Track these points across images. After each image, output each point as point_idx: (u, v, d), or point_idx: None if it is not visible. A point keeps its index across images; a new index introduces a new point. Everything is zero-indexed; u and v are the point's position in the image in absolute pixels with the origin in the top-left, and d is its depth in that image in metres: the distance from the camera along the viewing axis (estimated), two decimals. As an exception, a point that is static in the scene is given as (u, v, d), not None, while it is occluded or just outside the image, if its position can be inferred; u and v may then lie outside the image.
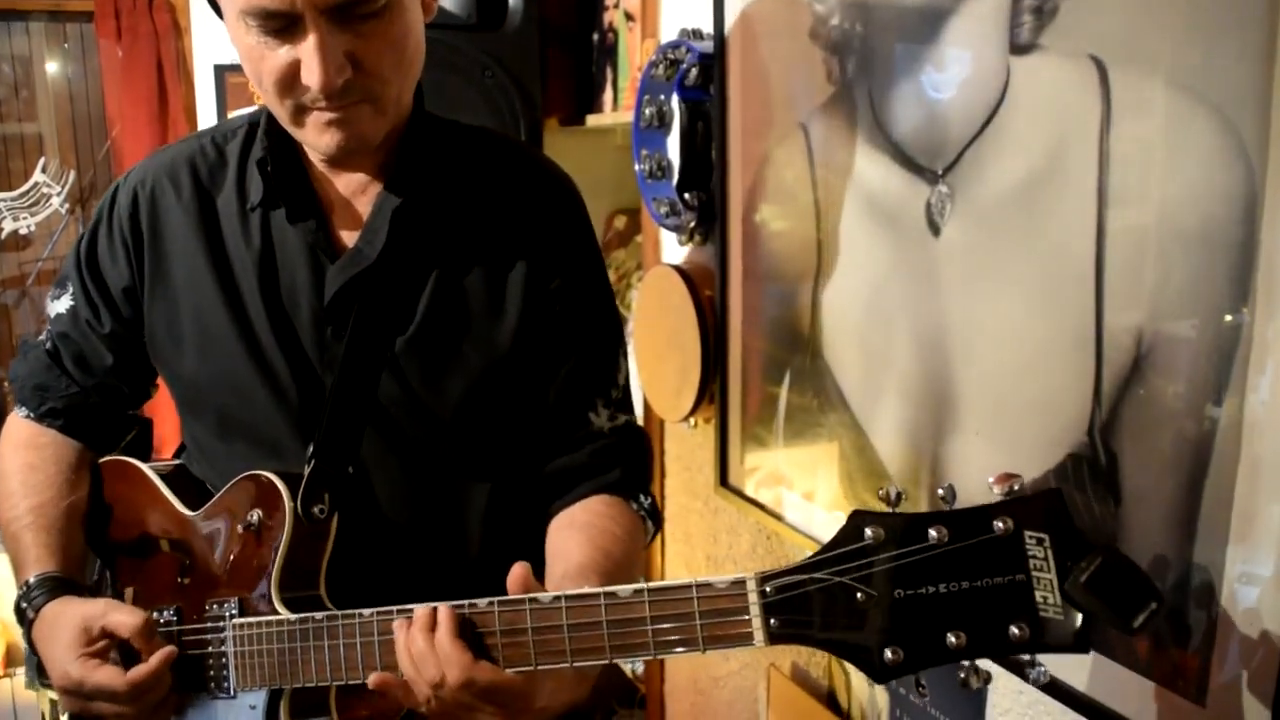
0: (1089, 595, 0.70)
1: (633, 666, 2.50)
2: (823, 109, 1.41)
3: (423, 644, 0.89)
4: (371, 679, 0.94)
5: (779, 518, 1.60)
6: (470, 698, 0.89)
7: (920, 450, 1.26)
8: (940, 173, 1.19)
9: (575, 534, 1.08)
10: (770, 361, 1.61)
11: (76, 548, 1.19)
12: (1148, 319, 0.95)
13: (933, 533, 0.74)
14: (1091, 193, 0.99)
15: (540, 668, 0.88)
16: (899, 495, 0.77)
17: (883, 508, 0.77)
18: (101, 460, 1.25)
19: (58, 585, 1.11)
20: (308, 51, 0.93)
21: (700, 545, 1.97)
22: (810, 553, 0.79)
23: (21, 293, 3.11)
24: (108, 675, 1.03)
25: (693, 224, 1.77)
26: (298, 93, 0.97)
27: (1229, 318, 0.88)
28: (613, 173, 2.37)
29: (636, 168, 1.86)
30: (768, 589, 0.79)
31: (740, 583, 0.80)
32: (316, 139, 1.01)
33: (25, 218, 2.86)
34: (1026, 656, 0.74)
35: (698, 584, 0.81)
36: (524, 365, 1.11)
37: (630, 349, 2.34)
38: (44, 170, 2.86)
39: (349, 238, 1.11)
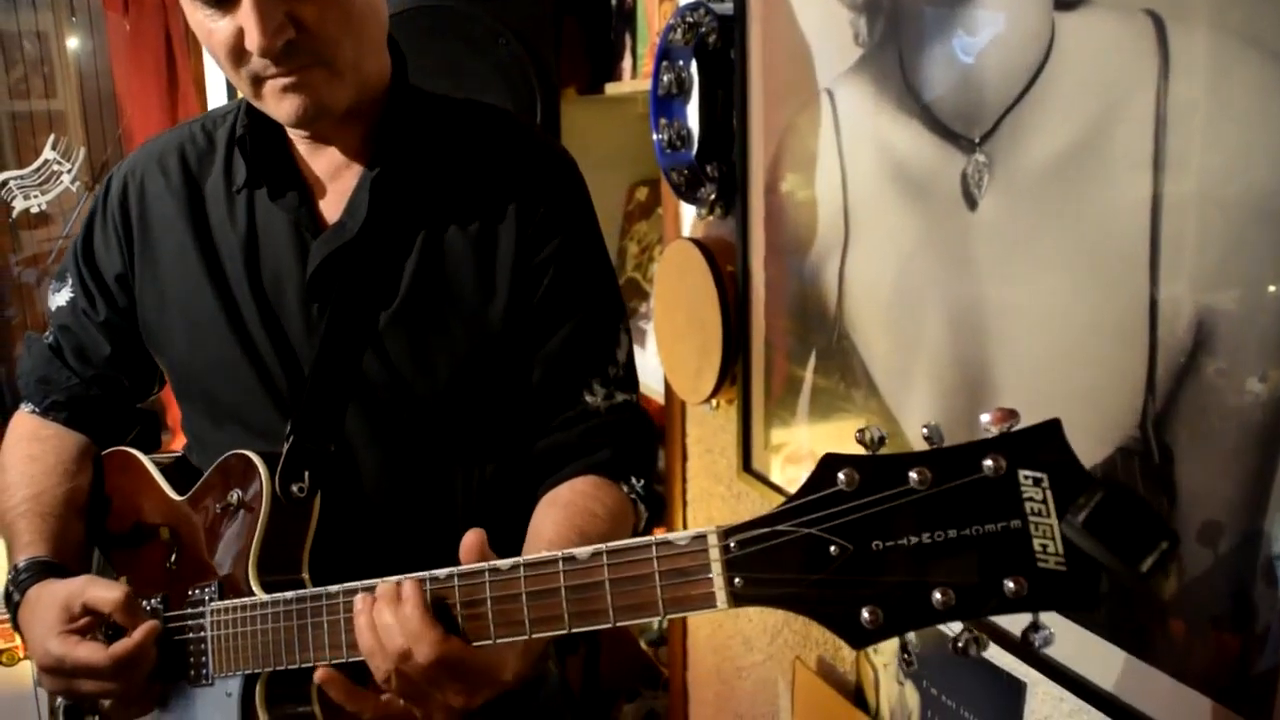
0: (1088, 536, 0.59)
1: (656, 650, 2.46)
2: (850, 73, 1.32)
3: (389, 617, 0.86)
4: (317, 674, 0.92)
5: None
6: (436, 673, 0.86)
7: (954, 439, 1.18)
8: (977, 141, 1.10)
9: (554, 512, 1.06)
10: (794, 341, 1.53)
11: (73, 536, 1.17)
12: (1209, 300, 0.86)
13: (914, 475, 0.63)
14: (1146, 162, 0.90)
15: (499, 640, 0.84)
16: (881, 438, 0.66)
17: (861, 453, 0.67)
18: (103, 453, 1.24)
19: (45, 569, 1.10)
20: (246, 15, 0.93)
21: (723, 531, 1.90)
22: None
23: (42, 271, 3.09)
24: (88, 651, 1.01)
25: (713, 196, 1.69)
26: (248, 61, 0.97)
27: (1303, 300, 0.79)
28: (633, 143, 2.32)
29: (655, 137, 1.79)
30: (731, 544, 0.71)
31: (701, 537, 0.73)
32: (276, 108, 1.00)
33: (36, 195, 2.83)
34: (1026, 617, 0.64)
35: (658, 542, 0.75)
36: (514, 342, 1.09)
37: (650, 326, 2.28)
38: (54, 147, 2.83)
39: (332, 214, 1.09)
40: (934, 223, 1.18)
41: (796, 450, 1.56)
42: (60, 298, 1.21)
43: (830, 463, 0.67)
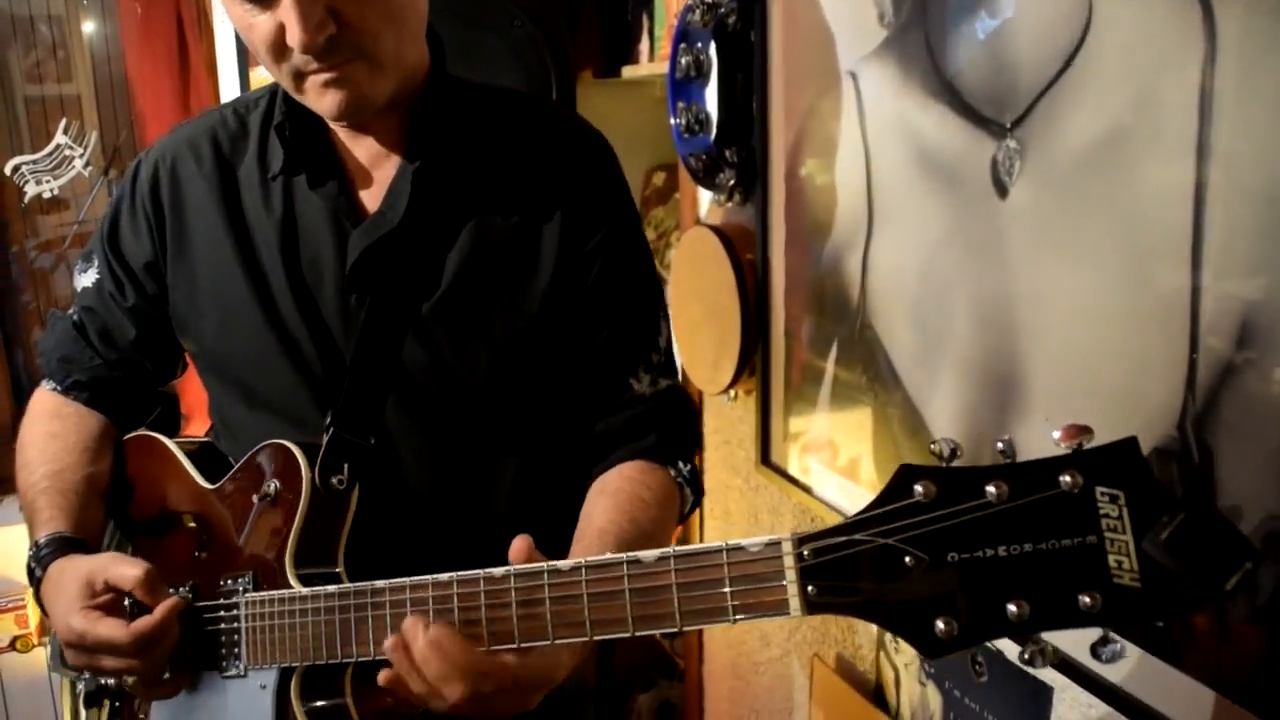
0: (1170, 555, 0.59)
1: (672, 641, 2.43)
2: (874, 55, 1.27)
3: (436, 666, 0.85)
4: (382, 677, 0.89)
5: (823, 501, 1.49)
6: (487, 696, 0.85)
7: (982, 436, 1.14)
8: (1008, 126, 1.05)
9: (603, 499, 1.05)
10: (815, 332, 1.49)
11: (93, 516, 1.16)
12: (1255, 294, 0.82)
13: (991, 489, 0.64)
14: (1190, 148, 0.85)
15: (557, 642, 0.83)
16: (954, 450, 0.67)
17: (935, 464, 0.67)
18: (126, 437, 1.23)
19: (67, 544, 1.09)
20: (287, 11, 0.91)
21: (740, 523, 1.87)
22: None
23: (58, 256, 3.08)
24: (110, 627, 0.99)
25: (732, 182, 1.65)
26: (289, 57, 0.95)
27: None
28: (650, 127, 2.28)
29: (672, 121, 1.74)
30: (805, 552, 0.71)
31: (775, 544, 0.72)
32: (318, 102, 0.99)
33: (48, 180, 2.81)
34: (1098, 633, 0.64)
35: (728, 547, 0.74)
36: (559, 331, 1.07)
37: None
38: (65, 132, 2.81)
39: (372, 203, 1.07)
40: (962, 211, 1.14)
41: (816, 442, 1.52)
42: (86, 278, 1.20)
43: (907, 474, 0.67)
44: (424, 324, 1.05)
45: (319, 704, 1.00)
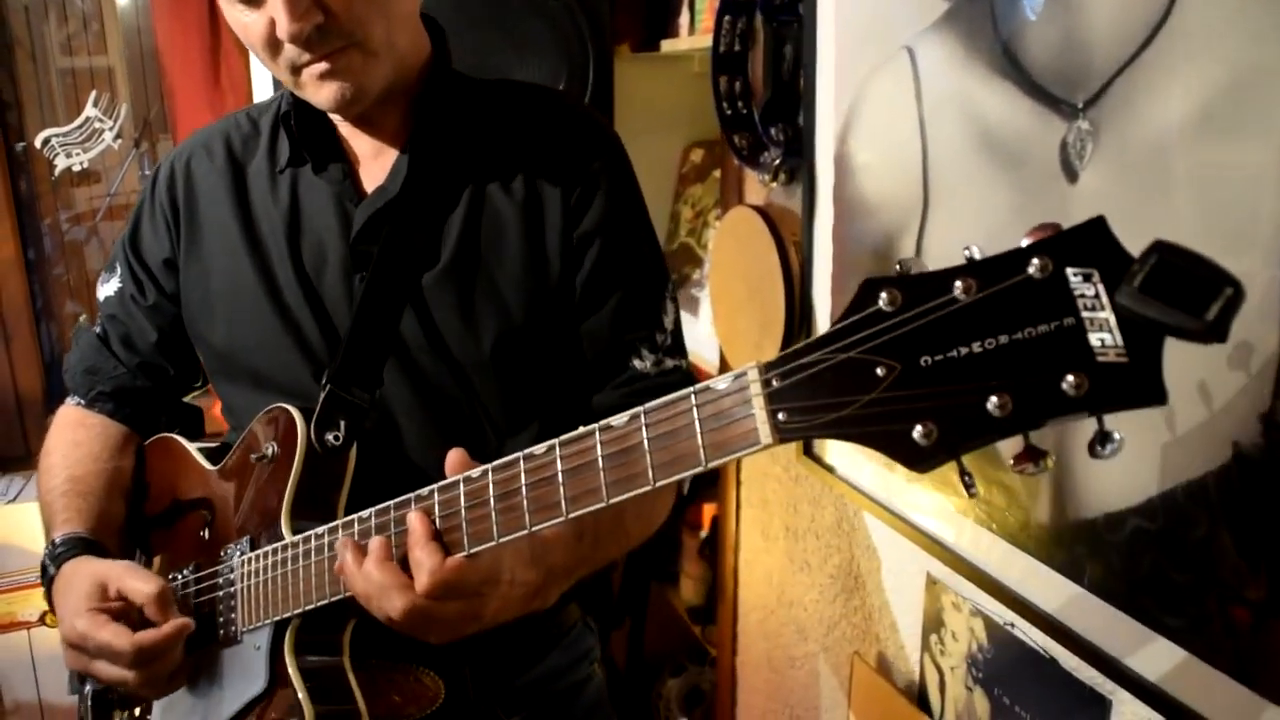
0: (1148, 301, 0.54)
1: (704, 629, 2.39)
2: (933, 29, 1.20)
3: (378, 576, 0.86)
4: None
5: (867, 494, 1.43)
6: (425, 611, 0.86)
7: (1042, 435, 1.08)
8: (1081, 106, 0.99)
9: None
10: (862, 320, 1.43)
11: (113, 516, 1.16)
12: (1358, 293, 0.75)
13: (958, 284, 0.59)
14: (1287, 132, 0.79)
15: (534, 529, 0.81)
16: (915, 265, 0.63)
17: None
18: (146, 441, 1.24)
19: (83, 545, 1.09)
20: (275, 6, 0.94)
21: (778, 514, 1.82)
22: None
23: (90, 229, 3.07)
24: (113, 633, 0.98)
25: (778, 161, 1.59)
26: (282, 51, 0.97)
27: None
28: (689, 103, 2.24)
29: (715, 98, 1.68)
30: (772, 379, 0.67)
31: (741, 375, 0.69)
32: (315, 94, 1.01)
33: (78, 153, 2.80)
34: (1093, 427, 0.59)
35: (697, 390, 0.71)
36: (561, 308, 1.09)
37: (704, 295, 2.19)
38: (95, 104, 2.79)
39: (374, 186, 1.09)
40: (1027, 196, 1.07)
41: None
42: (108, 288, 1.22)
43: (871, 285, 0.63)
44: (424, 295, 1.06)
45: (314, 660, 0.99)
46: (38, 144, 2.84)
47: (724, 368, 1.92)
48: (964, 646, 1.28)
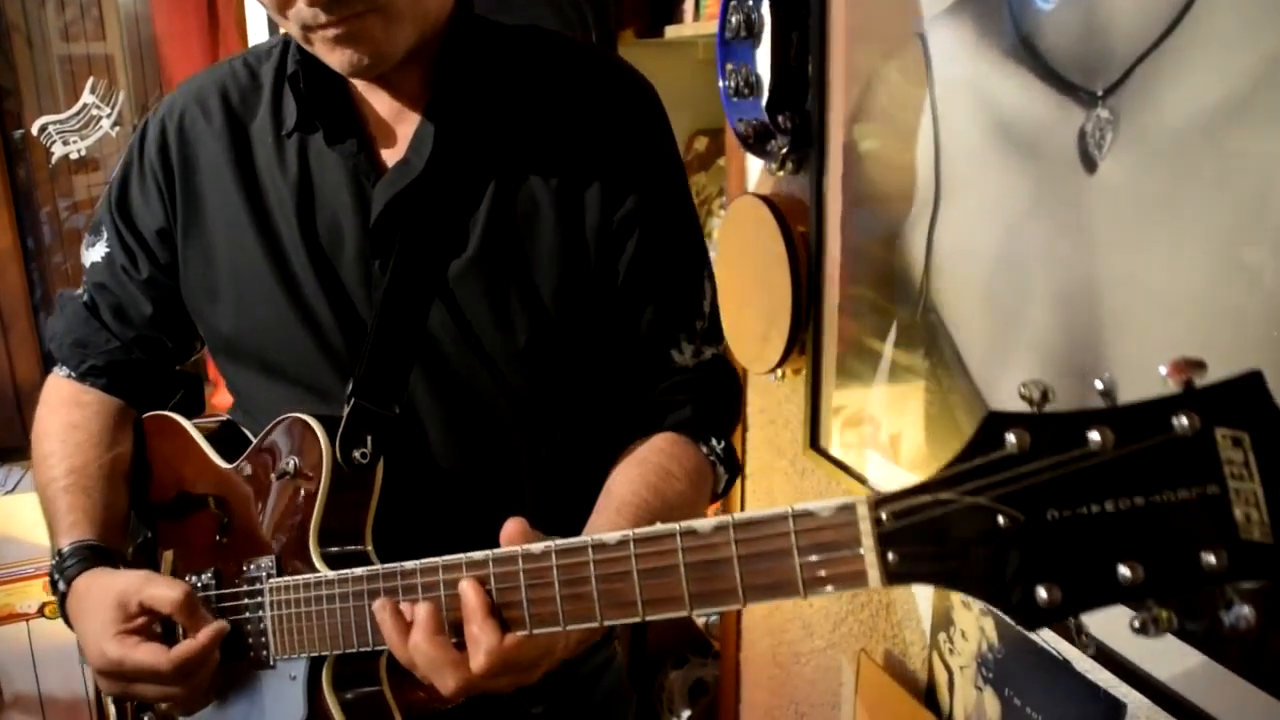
0: None
1: (706, 620, 2.38)
2: (947, 13, 1.17)
3: (430, 651, 0.81)
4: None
5: (875, 489, 1.41)
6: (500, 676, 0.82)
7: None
8: (1100, 94, 0.96)
9: (629, 470, 0.99)
10: (872, 312, 1.40)
11: (117, 509, 1.10)
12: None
13: (1094, 435, 0.55)
14: (1320, 121, 0.76)
15: (606, 623, 0.75)
16: (1045, 393, 0.57)
17: (1026, 410, 0.58)
18: (144, 416, 1.16)
19: (92, 555, 1.03)
20: None
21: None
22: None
23: (89, 217, 3.04)
24: (149, 654, 0.93)
25: (785, 150, 1.56)
26: (297, 9, 0.88)
27: None
28: (694, 90, 2.20)
29: (721, 84, 1.65)
30: (883, 515, 0.62)
31: (848, 508, 0.63)
32: (329, 57, 0.91)
33: (75, 141, 2.77)
34: (1225, 599, 0.55)
35: (794, 513, 0.65)
36: (599, 296, 1.00)
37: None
38: (93, 91, 2.76)
39: (394, 159, 0.99)
40: (1044, 186, 1.04)
41: (869, 428, 1.44)
42: (95, 253, 1.11)
43: (995, 421, 0.58)
44: (451, 286, 0.98)
45: (353, 694, 0.95)
46: (34, 131, 2.81)
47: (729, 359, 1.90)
48: (974, 645, 1.26)
